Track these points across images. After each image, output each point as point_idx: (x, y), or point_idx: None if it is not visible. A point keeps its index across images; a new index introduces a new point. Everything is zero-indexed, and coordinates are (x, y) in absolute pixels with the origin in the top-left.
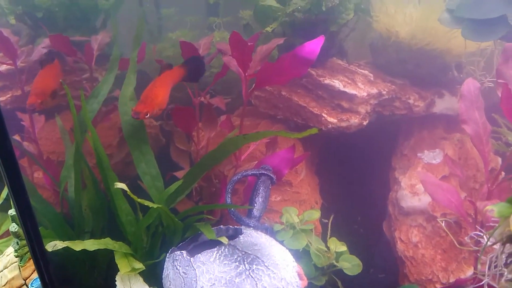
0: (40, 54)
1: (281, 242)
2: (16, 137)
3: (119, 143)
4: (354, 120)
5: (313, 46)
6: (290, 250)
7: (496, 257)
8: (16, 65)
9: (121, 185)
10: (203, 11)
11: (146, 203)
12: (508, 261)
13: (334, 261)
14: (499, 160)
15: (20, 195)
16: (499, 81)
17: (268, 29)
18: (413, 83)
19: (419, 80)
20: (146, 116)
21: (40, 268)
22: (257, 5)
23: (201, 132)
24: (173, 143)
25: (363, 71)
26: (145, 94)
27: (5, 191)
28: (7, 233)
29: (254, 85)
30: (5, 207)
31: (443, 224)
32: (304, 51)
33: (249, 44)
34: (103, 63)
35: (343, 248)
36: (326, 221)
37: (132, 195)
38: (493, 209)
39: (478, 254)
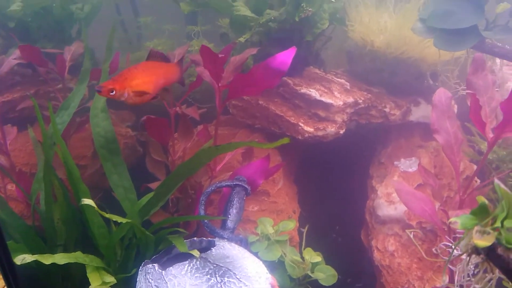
0: (10, 65)
1: (256, 254)
2: None
3: (93, 154)
4: (331, 129)
5: (285, 57)
6: (265, 261)
7: (463, 268)
8: None
9: (88, 201)
10: (181, 19)
11: (115, 218)
12: (475, 272)
13: (309, 272)
14: (475, 167)
15: None
16: (467, 91)
17: (241, 39)
18: (390, 91)
19: (395, 88)
20: (111, 94)
21: (9, 282)
22: (233, 15)
23: (177, 143)
24: (149, 154)
25: (339, 79)
26: (120, 73)
27: None
28: None
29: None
30: None
31: (411, 236)
32: (275, 62)
33: (220, 56)
34: (78, 73)
35: (318, 258)
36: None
37: (100, 212)
38: (457, 221)
39: (449, 265)
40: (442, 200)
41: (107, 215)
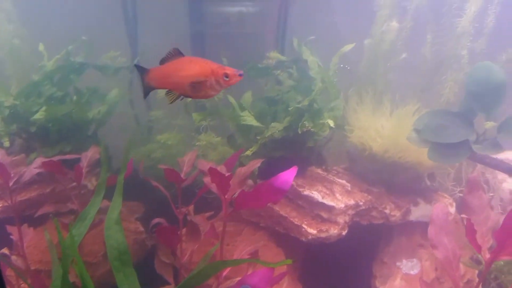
0: (31, 174)
1: None
2: (5, 251)
3: (104, 254)
4: (333, 231)
5: (287, 177)
6: None
7: None
8: (9, 186)
9: None
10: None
11: None
12: None
13: None
14: (476, 271)
15: None
16: (462, 215)
17: (248, 153)
18: (389, 190)
19: (395, 188)
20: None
21: None
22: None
23: (185, 244)
24: (158, 256)
25: (340, 180)
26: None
27: None
28: None
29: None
30: None
31: None
32: (278, 181)
33: (227, 175)
34: (93, 173)
35: None
36: None
37: None
38: None
39: None
40: None
41: None
